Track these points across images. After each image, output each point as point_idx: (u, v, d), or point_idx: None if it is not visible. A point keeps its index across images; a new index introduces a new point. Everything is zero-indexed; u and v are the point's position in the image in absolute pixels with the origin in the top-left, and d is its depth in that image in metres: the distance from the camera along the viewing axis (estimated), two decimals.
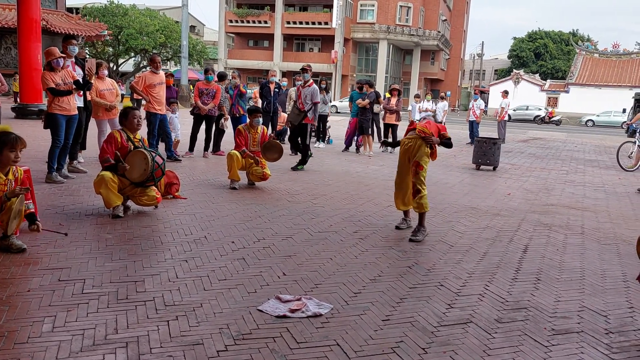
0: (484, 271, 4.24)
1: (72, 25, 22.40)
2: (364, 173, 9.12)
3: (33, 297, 3.24)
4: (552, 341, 3.08)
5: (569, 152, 15.77)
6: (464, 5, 59.31)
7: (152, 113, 8.77)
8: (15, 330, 2.82)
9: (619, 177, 10.48)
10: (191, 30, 45.61)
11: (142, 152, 5.23)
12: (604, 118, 38.71)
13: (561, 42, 60.05)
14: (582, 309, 3.58)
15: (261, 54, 47.35)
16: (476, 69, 57.12)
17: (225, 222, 5.27)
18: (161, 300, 3.32)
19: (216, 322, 3.04)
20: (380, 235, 5.13)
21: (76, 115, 6.90)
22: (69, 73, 6.76)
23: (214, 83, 9.79)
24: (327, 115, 12.88)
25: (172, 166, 7.98)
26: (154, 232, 4.83)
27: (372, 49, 46.61)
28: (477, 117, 15.83)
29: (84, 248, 4.22)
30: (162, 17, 37.67)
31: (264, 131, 7.33)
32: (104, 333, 2.85)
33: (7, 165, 4.06)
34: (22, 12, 13.91)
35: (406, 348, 2.89)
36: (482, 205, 6.88)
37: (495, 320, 3.31)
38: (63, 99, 6.59)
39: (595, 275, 4.33)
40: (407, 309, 3.41)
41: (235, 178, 7.01)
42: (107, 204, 5.17)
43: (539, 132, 25.94)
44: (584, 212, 6.84)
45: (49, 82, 6.45)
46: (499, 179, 9.43)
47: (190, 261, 4.06)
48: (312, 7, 46.54)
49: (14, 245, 4.03)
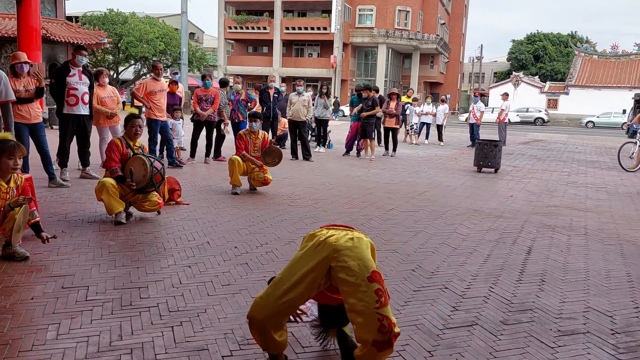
0: (488, 273, 4.23)
1: (72, 34, 22.43)
2: (365, 177, 9.11)
3: (37, 305, 3.23)
4: (558, 342, 3.06)
5: (570, 153, 15.76)
6: (463, 8, 59.47)
7: (153, 120, 8.80)
8: (20, 338, 2.81)
9: (621, 178, 10.47)
10: (191, 37, 45.76)
11: (141, 158, 5.24)
12: (604, 119, 38.73)
13: (560, 44, 60.11)
14: (588, 310, 3.57)
15: (260, 60, 47.45)
16: (475, 72, 57.19)
17: (228, 228, 5.27)
18: (165, 306, 3.31)
19: (221, 328, 3.03)
20: (383, 239, 5.11)
21: (40, 123, 6.69)
22: (32, 80, 6.55)
23: (212, 89, 9.82)
24: (327, 120, 12.89)
25: (173, 172, 7.99)
26: (156, 238, 4.83)
27: (371, 53, 46.71)
28: (478, 120, 15.84)
29: (87, 255, 4.22)
30: (162, 25, 37.75)
31: (264, 136, 7.34)
32: (109, 340, 2.84)
33: (7, 173, 4.04)
34: (21, 21, 13.92)
35: (412, 351, 2.88)
36: (485, 208, 6.87)
37: (501, 322, 3.30)
38: (23, 107, 6.40)
39: (600, 275, 4.31)
40: (412, 312, 3.40)
41: (237, 183, 7.01)
42: (109, 211, 5.17)
43: (539, 134, 25.94)
44: (586, 213, 6.83)
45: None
46: (500, 181, 9.42)
47: (194, 267, 4.05)
48: (311, 13, 46.70)
49: (17, 253, 4.02)
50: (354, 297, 2.27)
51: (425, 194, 7.67)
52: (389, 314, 2.27)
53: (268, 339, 2.43)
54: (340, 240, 2.40)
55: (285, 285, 2.38)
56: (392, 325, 2.25)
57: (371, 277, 2.28)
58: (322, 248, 2.39)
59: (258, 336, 2.46)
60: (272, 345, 2.46)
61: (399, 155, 12.69)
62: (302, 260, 2.42)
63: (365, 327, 2.24)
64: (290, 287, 2.37)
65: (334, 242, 2.40)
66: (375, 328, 2.21)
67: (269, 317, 2.38)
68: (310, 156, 11.06)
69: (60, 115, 7.14)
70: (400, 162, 11.47)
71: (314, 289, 2.39)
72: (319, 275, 2.37)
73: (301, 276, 2.37)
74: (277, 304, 2.37)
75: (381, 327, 2.21)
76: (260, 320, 2.39)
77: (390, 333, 2.22)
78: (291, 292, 2.36)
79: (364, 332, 2.25)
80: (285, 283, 2.39)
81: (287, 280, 2.39)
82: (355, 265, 2.31)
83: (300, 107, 11.15)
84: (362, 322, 2.25)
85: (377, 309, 2.22)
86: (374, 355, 2.27)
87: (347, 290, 2.30)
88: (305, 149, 11.11)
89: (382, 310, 2.23)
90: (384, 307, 2.24)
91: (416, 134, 16.76)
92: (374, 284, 2.27)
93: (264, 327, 2.39)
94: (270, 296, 2.39)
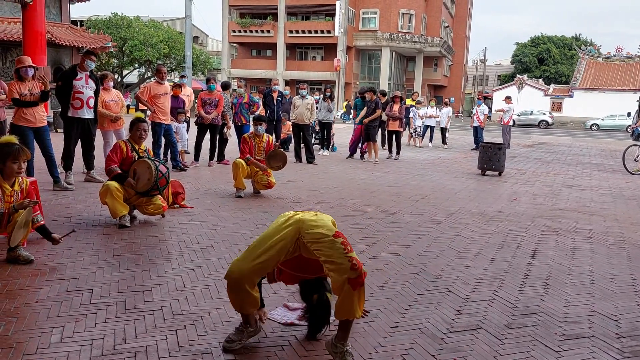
0: (492, 277, 4.22)
1: (77, 38, 22.55)
2: (369, 180, 9.11)
3: (41, 308, 3.24)
4: (563, 346, 3.05)
5: (574, 156, 15.71)
6: (466, 11, 59.46)
7: (157, 123, 8.83)
8: (24, 341, 2.82)
9: (626, 181, 10.43)
10: (195, 41, 45.93)
11: (146, 161, 5.25)
12: (609, 122, 38.59)
13: (564, 47, 59.97)
14: (593, 314, 3.55)
15: (264, 63, 47.54)
16: (479, 75, 57.12)
17: (232, 231, 5.27)
18: (169, 309, 3.31)
19: (224, 331, 3.03)
20: (387, 242, 5.11)
21: (45, 127, 6.74)
22: (37, 84, 6.61)
23: (216, 92, 9.85)
24: (331, 123, 12.91)
25: (177, 175, 8.00)
26: (160, 241, 4.83)
27: (375, 56, 46.74)
28: (481, 123, 15.81)
29: (92, 258, 4.23)
30: (166, 29, 37.88)
31: (269, 140, 7.34)
32: (113, 343, 2.84)
33: (11, 176, 4.05)
34: (27, 25, 14.03)
35: (416, 355, 2.87)
36: (489, 211, 6.85)
37: (505, 326, 3.29)
38: (27, 110, 6.46)
39: (605, 279, 4.29)
40: (416, 315, 3.39)
41: (241, 186, 7.02)
42: (114, 214, 5.18)
43: (543, 137, 25.88)
44: (591, 216, 6.80)
45: (14, 92, 6.40)
46: (505, 184, 9.40)
47: (198, 270, 4.06)
48: (315, 16, 46.77)
49: (21, 256, 4.03)
50: (326, 249, 2.70)
51: (429, 197, 7.66)
52: (356, 257, 2.70)
53: (243, 294, 2.78)
54: (306, 215, 2.90)
55: (259, 249, 2.80)
56: (360, 264, 2.67)
57: (335, 235, 2.75)
58: (291, 221, 2.86)
59: (234, 295, 2.81)
60: (247, 300, 2.80)
61: (402, 158, 12.68)
62: (274, 231, 2.85)
63: (339, 270, 2.65)
64: (263, 251, 2.78)
65: (300, 217, 2.88)
66: (348, 267, 2.63)
67: (245, 276, 2.77)
68: (314, 159, 11.07)
69: (65, 118, 7.17)
70: (404, 165, 11.46)
71: (283, 254, 2.81)
72: (289, 243, 2.80)
73: (273, 243, 2.80)
74: (252, 264, 2.76)
75: (352, 266, 2.63)
76: (236, 278, 2.77)
77: (360, 269, 2.65)
78: (264, 254, 2.77)
79: (339, 274, 2.65)
80: (259, 248, 2.80)
81: (261, 246, 2.81)
82: (320, 229, 2.78)
83: (303, 110, 11.16)
84: (336, 267, 2.66)
85: (345, 253, 2.67)
86: (350, 295, 2.65)
87: (319, 247, 2.74)
88: (309, 152, 11.12)
89: (350, 254, 2.68)
90: (350, 252, 2.69)
91: (420, 137, 16.74)
92: (339, 238, 2.74)
93: (239, 283, 2.76)
94: (246, 259, 2.80)
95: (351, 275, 2.62)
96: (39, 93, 6.56)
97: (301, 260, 2.94)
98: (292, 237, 2.81)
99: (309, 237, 2.77)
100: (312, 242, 2.76)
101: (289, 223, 2.85)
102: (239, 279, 2.76)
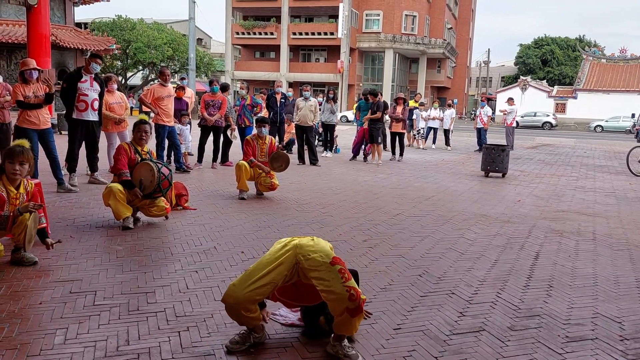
0: (495, 279, 4.21)
1: (81, 40, 22.62)
2: (372, 182, 9.11)
3: (45, 310, 3.26)
4: (567, 349, 3.04)
5: (578, 157, 15.67)
6: (470, 13, 59.42)
7: (161, 125, 8.85)
8: (28, 342, 2.83)
9: (630, 183, 10.40)
10: (198, 43, 46.00)
11: (148, 163, 5.27)
12: (613, 123, 38.49)
13: (568, 48, 59.83)
14: (596, 316, 3.54)
15: (268, 65, 47.60)
16: (483, 77, 57.05)
17: (235, 233, 5.28)
18: (172, 311, 3.32)
19: (227, 333, 3.04)
20: (390, 244, 5.11)
21: (49, 129, 6.77)
22: (41, 86, 6.63)
23: (219, 94, 9.87)
24: (334, 125, 12.92)
25: (180, 177, 8.02)
26: (164, 243, 4.85)
27: (378, 58, 46.73)
28: (485, 124, 15.80)
29: (95, 260, 4.24)
30: (170, 31, 38.03)
31: (272, 142, 7.36)
32: (116, 345, 2.85)
33: (11, 177, 4.03)
34: (31, 27, 14.08)
35: (418, 357, 2.87)
36: (492, 213, 6.84)
37: (508, 328, 3.28)
38: (32, 112, 6.50)
39: (608, 281, 4.28)
40: (419, 317, 3.39)
41: (244, 188, 7.03)
42: (117, 216, 5.20)
43: (547, 139, 25.82)
44: (595, 218, 6.78)
45: (18, 95, 6.44)
46: (508, 185, 9.38)
47: (201, 272, 4.07)
48: (318, 18, 46.82)
49: (25, 258, 4.05)
50: (323, 278, 2.72)
51: (432, 199, 7.65)
52: (355, 285, 2.71)
53: (242, 319, 2.82)
54: (303, 240, 2.91)
55: (255, 275, 2.79)
56: (358, 293, 2.68)
57: (332, 262, 2.75)
58: (289, 247, 2.87)
59: (233, 317, 2.85)
60: (246, 321, 2.84)
61: (405, 160, 12.67)
62: (272, 256, 2.86)
63: (337, 300, 2.66)
64: (259, 277, 2.78)
65: (297, 242, 2.90)
66: (346, 297, 2.64)
67: (239, 303, 2.76)
68: (317, 161, 11.08)
69: (69, 120, 7.21)
70: (407, 167, 11.46)
71: (280, 279, 2.80)
72: (286, 268, 2.81)
73: (270, 269, 2.80)
74: (247, 290, 2.76)
75: (350, 296, 2.64)
76: (231, 304, 2.78)
77: (358, 299, 2.66)
78: (261, 280, 2.77)
79: (338, 304, 2.68)
80: (255, 274, 2.79)
81: (258, 271, 2.80)
82: (317, 255, 2.79)
83: (307, 112, 11.17)
84: (334, 297, 2.67)
85: (343, 283, 2.68)
86: (348, 321, 2.70)
87: (316, 275, 2.74)
88: (312, 154, 11.13)
89: (348, 283, 2.68)
90: (349, 281, 2.69)
91: (423, 138, 16.73)
92: (336, 265, 2.74)
93: (235, 309, 2.78)
94: (242, 284, 2.79)
95: (350, 306, 2.65)
96: (43, 95, 6.59)
97: (299, 288, 2.97)
98: (290, 262, 2.82)
99: (307, 264, 2.78)
100: (310, 269, 2.77)
101: (286, 249, 2.86)
102: (234, 306, 2.78)
